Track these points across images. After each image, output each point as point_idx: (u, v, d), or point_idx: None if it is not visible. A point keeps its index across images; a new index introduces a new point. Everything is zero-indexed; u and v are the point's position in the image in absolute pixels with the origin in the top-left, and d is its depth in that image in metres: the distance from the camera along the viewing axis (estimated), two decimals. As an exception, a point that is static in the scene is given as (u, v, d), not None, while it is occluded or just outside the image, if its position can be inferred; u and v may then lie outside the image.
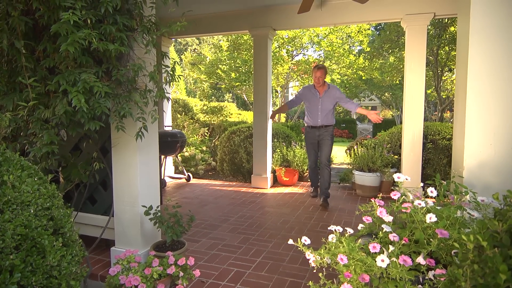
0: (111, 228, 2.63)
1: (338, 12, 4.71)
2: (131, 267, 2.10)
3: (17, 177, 1.51)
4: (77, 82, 1.89)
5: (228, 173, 6.23)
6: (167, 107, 6.10)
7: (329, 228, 1.74)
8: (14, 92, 2.14)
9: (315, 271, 1.92)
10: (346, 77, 11.37)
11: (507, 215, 1.01)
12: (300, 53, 10.30)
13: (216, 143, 7.43)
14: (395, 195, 1.61)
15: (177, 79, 2.41)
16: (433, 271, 1.32)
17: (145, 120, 2.24)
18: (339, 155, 9.16)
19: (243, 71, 10.14)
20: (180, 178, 6.01)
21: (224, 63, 10.47)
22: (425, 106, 4.50)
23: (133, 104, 2.17)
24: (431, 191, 1.51)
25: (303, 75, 10.37)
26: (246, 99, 11.98)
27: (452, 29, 7.79)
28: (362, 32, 9.41)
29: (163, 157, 5.50)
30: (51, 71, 2.11)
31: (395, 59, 10.34)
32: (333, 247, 1.59)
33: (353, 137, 18.03)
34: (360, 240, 1.56)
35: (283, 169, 5.56)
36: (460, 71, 2.06)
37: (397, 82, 12.01)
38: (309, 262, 1.59)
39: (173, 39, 6.21)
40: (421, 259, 1.28)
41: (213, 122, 8.19)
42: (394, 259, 1.30)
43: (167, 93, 2.42)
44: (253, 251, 2.97)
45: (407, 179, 1.59)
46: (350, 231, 1.65)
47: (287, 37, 9.38)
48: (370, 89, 16.18)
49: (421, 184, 1.76)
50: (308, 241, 1.58)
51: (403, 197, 1.62)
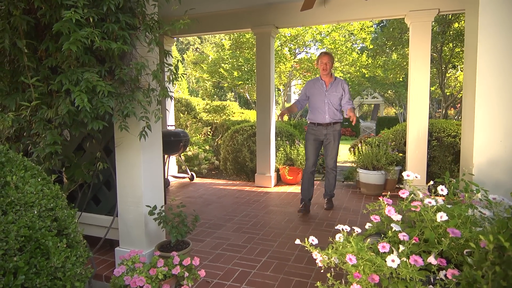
0: (115, 228, 2.62)
1: (341, 9, 4.67)
2: (135, 268, 2.08)
3: (21, 177, 1.49)
4: (80, 81, 1.87)
5: (231, 172, 6.21)
6: (170, 106, 6.08)
7: (336, 227, 1.71)
8: (16, 92, 2.12)
9: (322, 271, 1.89)
10: (349, 75, 11.30)
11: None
12: (302, 51, 10.26)
13: (219, 142, 7.41)
14: (403, 194, 1.58)
15: (180, 78, 2.39)
16: (444, 271, 1.29)
17: (149, 119, 2.22)
18: (343, 153, 9.12)
19: (246, 69, 10.10)
20: (183, 177, 6.00)
21: (226, 62, 10.43)
22: (429, 103, 4.46)
23: (136, 103, 2.15)
24: (442, 189, 1.48)
25: (305, 73, 10.32)
26: (248, 98, 11.95)
27: (456, 25, 7.72)
28: (365, 29, 9.36)
29: (166, 156, 5.49)
30: (53, 71, 2.09)
31: (399, 56, 10.27)
32: (341, 247, 1.56)
33: (356, 135, 17.95)
34: (368, 239, 1.53)
35: (287, 167, 5.53)
36: (468, 67, 2.03)
37: (401, 79, 11.93)
38: (316, 262, 1.57)
39: (175, 38, 6.20)
40: (432, 259, 1.25)
41: (216, 121, 8.16)
42: (404, 259, 1.27)
43: (170, 91, 2.39)
44: (258, 251, 2.94)
45: (416, 177, 1.56)
46: (357, 230, 1.62)
47: (289, 35, 9.34)
48: (373, 86, 16.08)
49: (432, 182, 1.73)
50: (315, 241, 1.55)
51: (412, 195, 1.59)
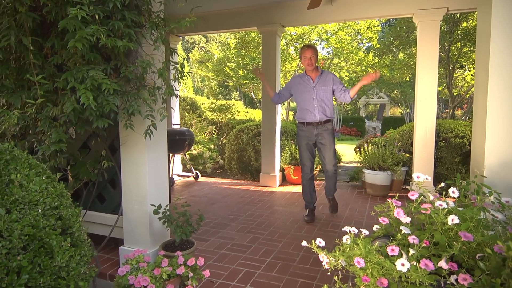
0: (120, 227, 2.61)
1: (348, 8, 4.63)
2: (140, 267, 2.07)
3: (25, 175, 1.48)
4: (85, 79, 1.86)
5: (236, 171, 6.19)
6: (176, 105, 6.08)
7: (343, 229, 1.68)
8: (22, 89, 2.12)
9: (329, 273, 1.86)
10: (355, 75, 11.23)
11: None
12: (308, 51, 10.19)
13: (224, 141, 7.40)
14: (412, 195, 1.55)
15: (185, 77, 2.37)
16: (456, 275, 1.25)
17: (154, 117, 2.21)
18: (348, 153, 9.06)
19: (251, 68, 10.08)
20: (188, 176, 5.99)
21: (231, 61, 10.41)
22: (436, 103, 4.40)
23: (142, 101, 2.14)
24: (453, 191, 1.44)
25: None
26: (253, 97, 11.93)
27: (464, 24, 7.62)
28: (371, 28, 9.28)
29: (171, 155, 5.48)
30: (59, 68, 2.08)
31: (405, 55, 10.17)
32: (348, 249, 1.53)
33: (362, 135, 17.86)
34: (377, 242, 1.50)
35: (292, 167, 5.50)
36: (480, 66, 1.98)
37: (407, 79, 11.83)
38: (323, 264, 1.54)
39: (181, 37, 6.19)
40: (443, 263, 1.22)
41: (220, 120, 8.15)
42: (414, 262, 1.24)
43: (176, 90, 2.38)
44: (263, 251, 2.92)
45: (427, 179, 1.52)
46: (365, 232, 1.59)
47: (295, 34, 9.29)
48: (379, 86, 15.98)
49: (442, 184, 1.69)
50: (322, 243, 1.52)
51: (421, 197, 1.55)
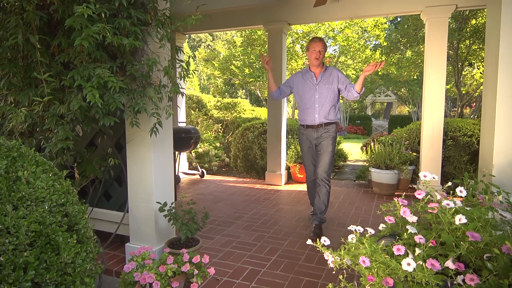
0: (125, 224, 2.63)
1: (355, 5, 4.59)
2: (145, 264, 2.08)
3: (32, 172, 1.49)
4: (91, 77, 1.87)
5: (242, 169, 6.19)
6: (181, 103, 6.09)
7: (348, 228, 1.67)
8: (29, 87, 2.14)
9: (334, 272, 1.86)
10: (361, 73, 11.16)
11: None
12: (314, 48, 10.14)
13: (229, 139, 7.41)
14: (419, 194, 1.53)
15: (191, 74, 2.37)
16: (462, 275, 1.24)
17: (160, 115, 2.21)
18: (355, 151, 9.02)
19: (257, 66, 10.06)
20: (194, 174, 6.01)
21: (238, 59, 10.41)
22: (444, 101, 4.35)
23: (148, 99, 2.14)
24: (460, 191, 1.42)
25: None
26: (260, 95, 11.91)
27: (473, 22, 7.52)
28: (378, 26, 9.20)
29: (177, 153, 5.50)
30: (66, 66, 2.10)
31: (413, 53, 10.07)
32: (353, 248, 1.53)
33: (368, 133, 17.76)
34: (382, 241, 1.49)
35: (298, 165, 5.48)
36: (489, 64, 1.95)
37: (415, 77, 11.71)
38: (328, 262, 1.53)
39: (187, 35, 6.19)
40: (450, 263, 1.20)
41: (226, 118, 8.16)
42: (420, 262, 1.23)
43: (182, 88, 2.38)
44: (268, 249, 2.92)
45: (434, 178, 1.50)
46: (371, 231, 1.58)
47: (301, 32, 9.25)
48: (386, 84, 15.86)
49: (450, 183, 1.67)
50: (327, 242, 1.52)
51: (428, 196, 1.54)
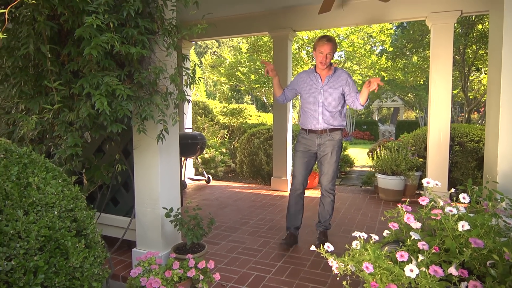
0: (132, 229, 2.66)
1: (360, 11, 4.61)
2: (152, 269, 2.10)
3: (42, 179, 1.53)
4: (100, 85, 1.91)
5: (247, 175, 6.21)
6: (188, 109, 6.15)
7: (353, 234, 1.68)
8: (40, 95, 2.19)
9: (338, 278, 1.86)
10: (367, 78, 11.15)
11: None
12: (320, 54, 10.17)
13: (235, 145, 7.44)
14: (423, 201, 1.53)
15: (197, 81, 2.41)
16: (466, 282, 1.24)
17: (166, 122, 2.25)
18: (361, 157, 8.98)
19: (263, 72, 10.12)
20: (200, 180, 6.04)
21: (243, 65, 10.49)
22: (451, 107, 4.33)
23: (154, 106, 2.18)
24: (463, 197, 1.43)
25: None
26: (265, 101, 11.96)
27: (480, 27, 7.49)
28: (384, 31, 9.22)
29: (183, 159, 5.55)
30: (75, 75, 2.15)
31: (419, 58, 10.05)
32: (357, 254, 1.53)
33: (375, 139, 17.66)
34: (386, 247, 1.49)
35: (303, 171, 5.48)
36: (492, 69, 1.96)
37: (421, 82, 11.68)
38: (332, 269, 1.54)
39: (194, 42, 6.27)
40: (453, 270, 1.21)
41: (232, 124, 8.21)
42: (423, 268, 1.23)
43: (188, 95, 2.42)
44: (274, 255, 2.92)
45: (437, 185, 1.51)
46: (375, 237, 1.59)
47: (307, 38, 9.30)
48: (392, 90, 15.82)
49: (453, 189, 1.67)
50: (331, 248, 1.53)
51: (432, 203, 1.54)
